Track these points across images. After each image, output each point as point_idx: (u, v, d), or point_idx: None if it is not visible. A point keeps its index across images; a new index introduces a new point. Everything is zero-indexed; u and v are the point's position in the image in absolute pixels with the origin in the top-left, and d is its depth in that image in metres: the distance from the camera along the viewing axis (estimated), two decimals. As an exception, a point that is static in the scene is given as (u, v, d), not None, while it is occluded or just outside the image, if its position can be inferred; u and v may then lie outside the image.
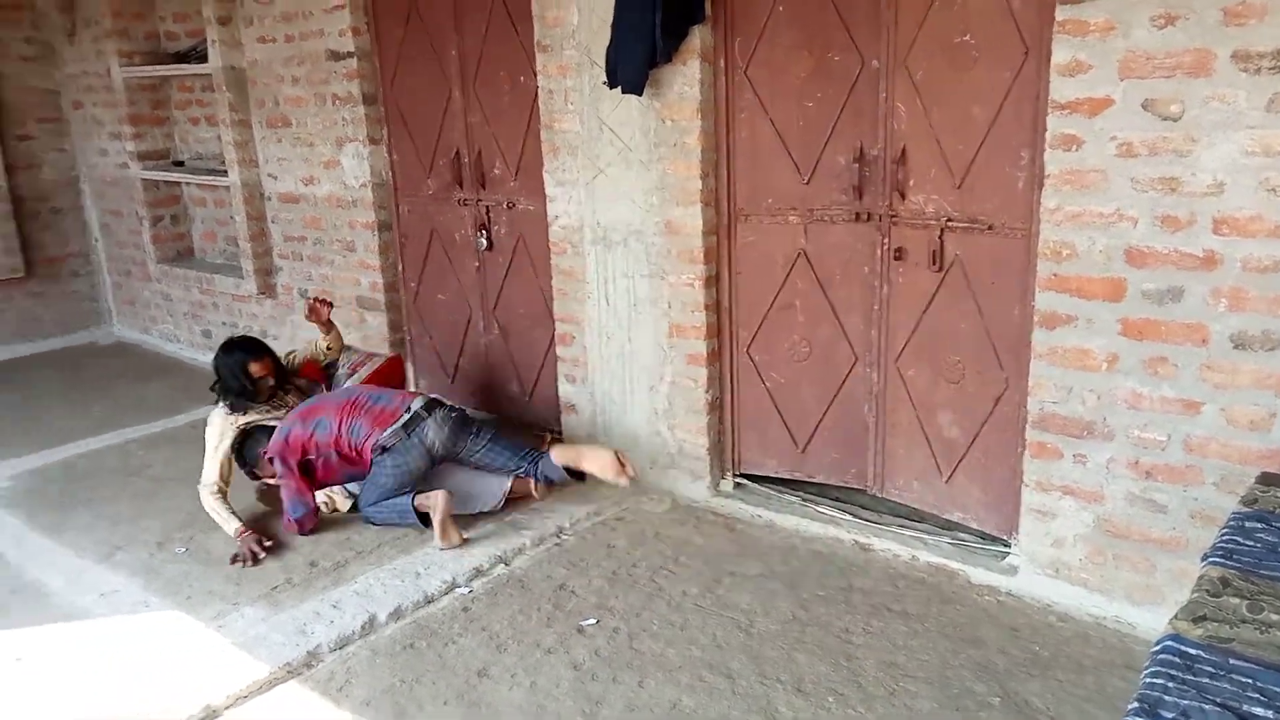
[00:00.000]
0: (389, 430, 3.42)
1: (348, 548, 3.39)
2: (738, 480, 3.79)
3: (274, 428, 3.56)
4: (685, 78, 3.31)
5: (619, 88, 3.35)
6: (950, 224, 3.03)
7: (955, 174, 2.99)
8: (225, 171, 5.16)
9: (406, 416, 3.47)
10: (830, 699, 2.53)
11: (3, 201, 5.85)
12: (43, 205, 6.15)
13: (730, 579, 3.18)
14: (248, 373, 3.67)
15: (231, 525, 3.40)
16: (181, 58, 5.39)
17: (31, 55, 5.97)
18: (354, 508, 3.63)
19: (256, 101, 4.92)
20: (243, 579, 3.18)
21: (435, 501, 3.37)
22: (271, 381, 3.74)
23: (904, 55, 3.01)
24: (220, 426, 3.61)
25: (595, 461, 3.54)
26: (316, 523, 3.51)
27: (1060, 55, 2.55)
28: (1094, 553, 2.82)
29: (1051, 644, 2.73)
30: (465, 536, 3.40)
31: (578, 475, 3.63)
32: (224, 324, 5.70)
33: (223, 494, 3.49)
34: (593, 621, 2.93)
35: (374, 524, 3.51)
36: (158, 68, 5.43)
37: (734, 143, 3.39)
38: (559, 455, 3.62)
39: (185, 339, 6.04)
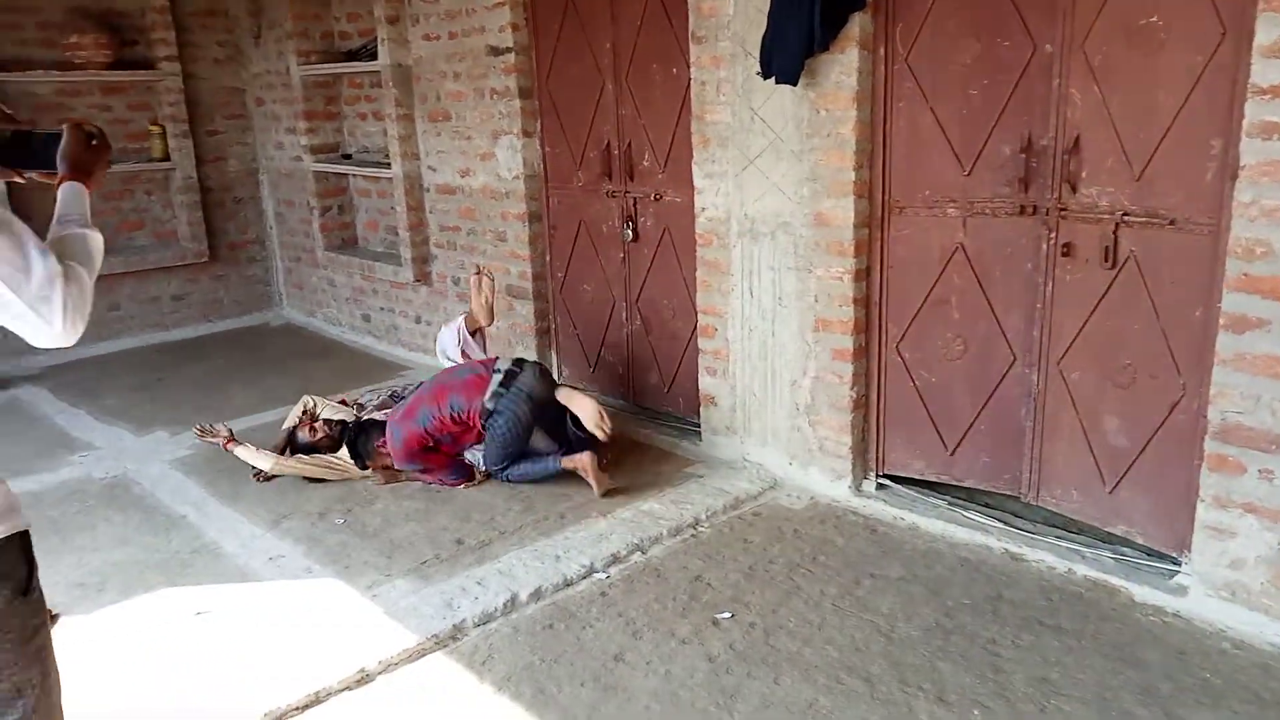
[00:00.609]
0: (489, 392, 3.68)
1: (492, 528, 3.50)
2: (880, 481, 3.69)
3: (383, 422, 3.94)
4: (842, 66, 3.24)
5: (773, 78, 3.31)
6: (1126, 218, 2.84)
7: (1134, 165, 2.79)
8: (389, 164, 5.42)
9: (500, 376, 3.72)
10: (976, 711, 2.42)
11: (193, 191, 6.35)
12: (227, 195, 6.64)
13: (870, 581, 3.10)
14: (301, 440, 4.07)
15: (263, 462, 3.90)
16: (353, 56, 5.69)
17: (222, 57, 6.46)
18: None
19: (419, 97, 5.15)
20: (395, 553, 3.34)
21: (583, 461, 3.68)
22: (324, 433, 4.05)
23: (1081, 39, 2.84)
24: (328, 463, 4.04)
25: (582, 407, 3.76)
26: (475, 476, 3.84)
27: (1265, 35, 2.34)
28: (1278, 577, 2.58)
29: (1225, 672, 2.52)
30: (615, 486, 3.74)
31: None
32: (382, 309, 6.01)
33: (272, 459, 3.91)
34: (728, 615, 2.92)
35: (512, 482, 3.79)
36: (331, 65, 5.76)
37: (892, 133, 3.29)
38: (561, 395, 3.87)
39: (347, 323, 6.40)
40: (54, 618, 2.96)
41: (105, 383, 5.46)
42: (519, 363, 3.84)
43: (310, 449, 3.99)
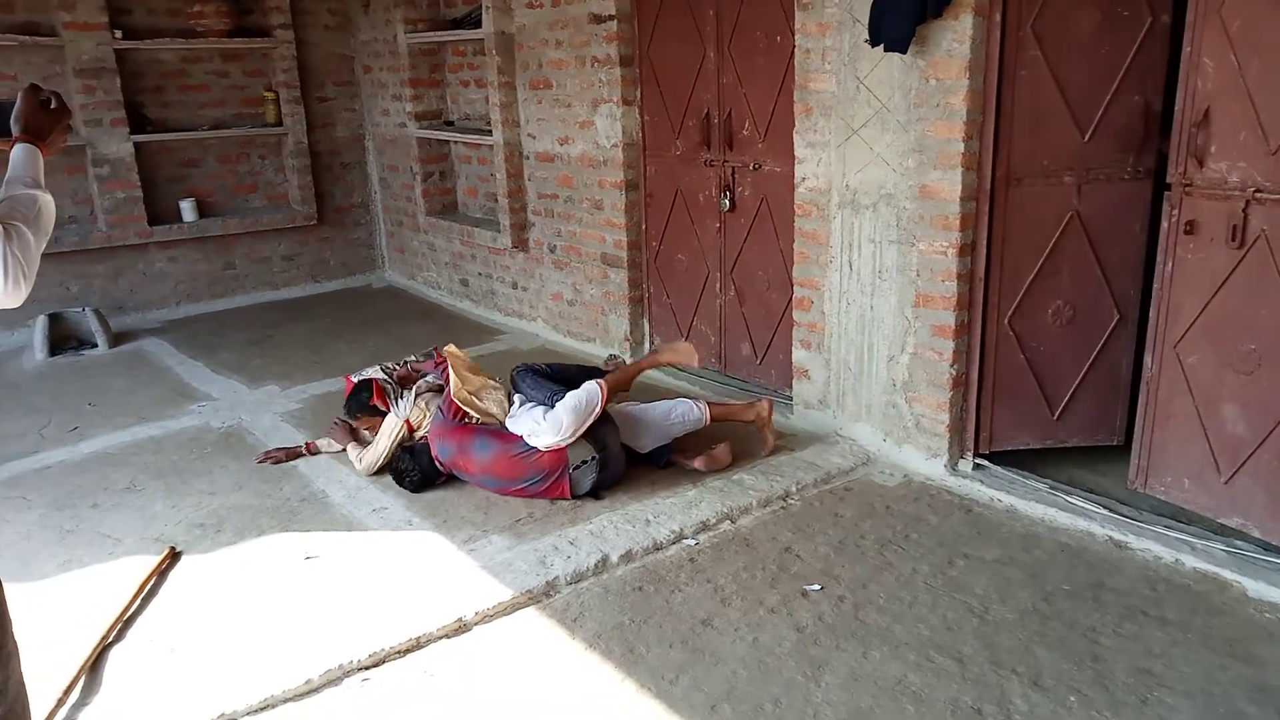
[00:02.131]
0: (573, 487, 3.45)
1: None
2: (977, 461, 3.61)
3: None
4: (955, 34, 3.14)
5: (881, 45, 3.23)
6: (1259, 195, 2.69)
7: (1271, 139, 2.64)
8: (490, 131, 5.51)
9: (590, 470, 3.45)
10: (1072, 698, 2.37)
11: (304, 156, 6.59)
12: (334, 160, 6.86)
13: (964, 562, 3.05)
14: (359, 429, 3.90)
15: (322, 442, 3.91)
16: (457, 24, 5.78)
17: (333, 25, 6.65)
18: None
19: (521, 65, 5.20)
20: (491, 510, 3.44)
21: (763, 411, 3.74)
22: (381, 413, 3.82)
23: (1218, 5, 2.68)
24: (390, 429, 3.75)
25: (678, 354, 3.82)
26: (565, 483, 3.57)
27: None
28: None
29: (1347, 677, 2.41)
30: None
31: None
32: (480, 274, 6.14)
33: (354, 459, 3.74)
34: (818, 587, 2.92)
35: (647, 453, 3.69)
36: (437, 33, 5.86)
37: (1014, 101, 3.18)
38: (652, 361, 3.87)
39: (446, 286, 6.56)
40: (175, 555, 3.17)
41: (221, 337, 5.74)
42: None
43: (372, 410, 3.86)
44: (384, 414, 3.81)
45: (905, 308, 3.55)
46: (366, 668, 2.54)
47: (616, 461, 3.51)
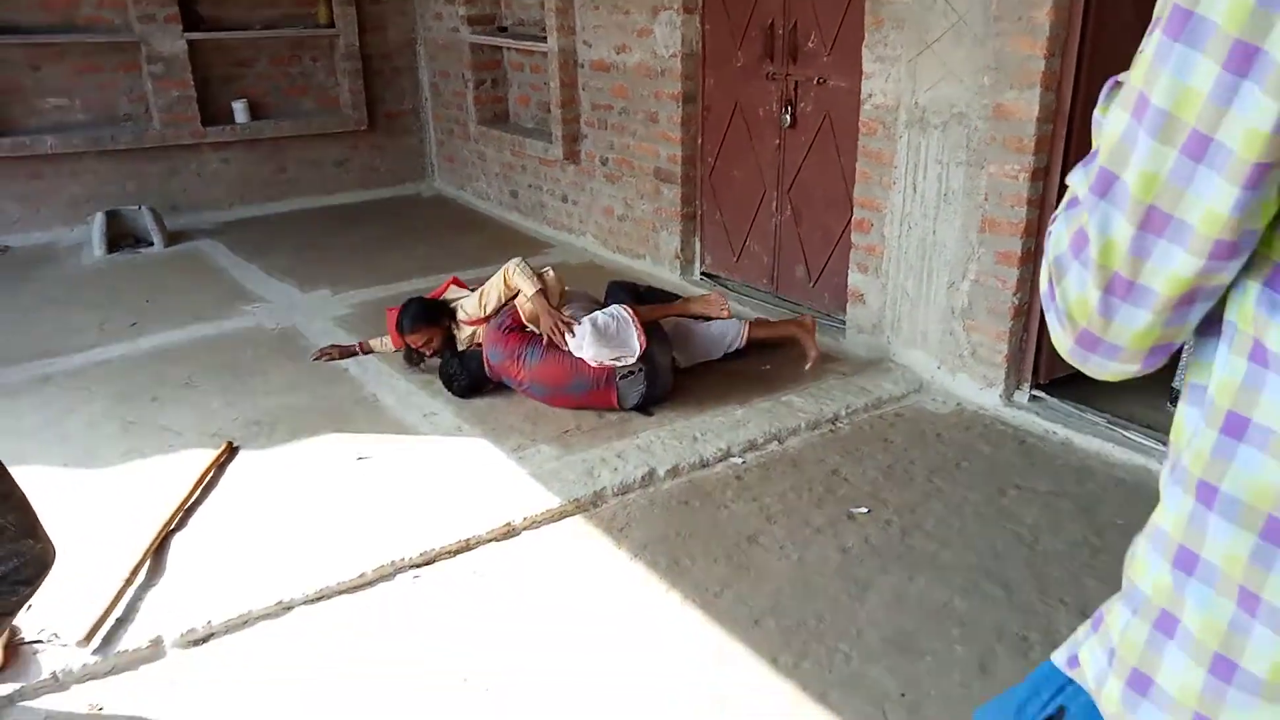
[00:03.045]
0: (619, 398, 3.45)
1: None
2: (1034, 393, 3.54)
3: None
4: (1043, -60, 2.95)
5: (963, -49, 3.06)
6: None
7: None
8: (544, 38, 5.37)
9: (636, 383, 3.44)
10: (1121, 632, 2.35)
11: (355, 59, 6.50)
12: (386, 64, 6.76)
13: (1016, 492, 3.02)
14: (412, 347, 3.77)
15: (374, 342, 3.95)
16: (514, -77, 5.59)
17: (386, -79, 6.48)
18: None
19: (579, -33, 5.04)
20: (539, 420, 3.46)
21: (806, 326, 3.81)
22: (436, 343, 3.71)
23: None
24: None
25: (707, 307, 3.81)
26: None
27: None
28: None
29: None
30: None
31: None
32: (530, 186, 6.07)
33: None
34: (864, 510, 2.91)
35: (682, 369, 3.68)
36: (493, -67, 5.68)
37: (1102, 16, 3.00)
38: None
39: (495, 197, 6.51)
40: (233, 449, 3.24)
41: (273, 240, 5.78)
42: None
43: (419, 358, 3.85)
44: (439, 325, 3.76)
45: (970, 233, 3.45)
46: (418, 566, 2.60)
47: (664, 376, 3.50)
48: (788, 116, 4.20)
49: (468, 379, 3.57)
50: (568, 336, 3.42)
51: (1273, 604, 0.69)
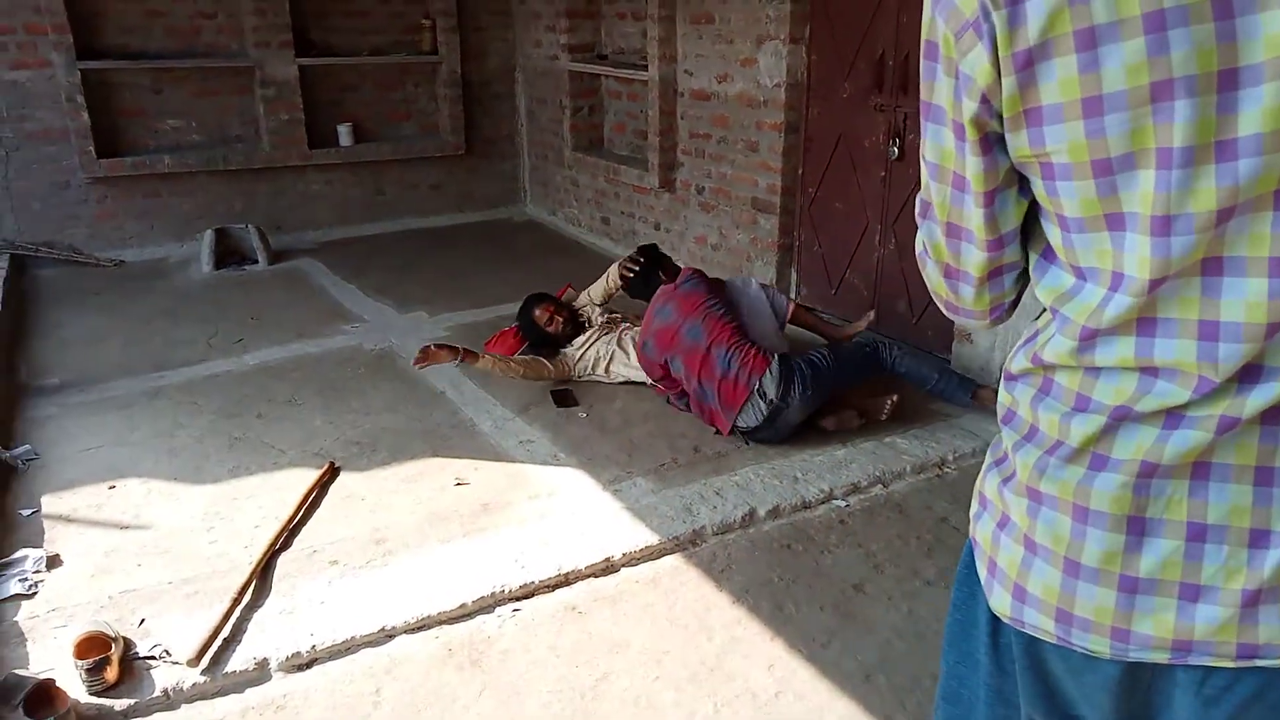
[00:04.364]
0: (740, 409, 3.36)
1: (728, 441, 3.49)
2: (1156, 444, 3.34)
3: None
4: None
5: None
6: None
7: None
8: (644, 66, 5.38)
9: (761, 406, 3.33)
10: None
11: (456, 86, 6.62)
12: (485, 91, 6.88)
13: (1140, 551, 2.84)
14: (535, 320, 3.98)
15: (480, 351, 3.81)
16: (618, -47, 5.64)
17: (491, -48, 6.61)
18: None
19: (683, -3, 5.04)
20: (635, 451, 3.41)
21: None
22: (562, 318, 3.98)
23: None
24: (550, 359, 3.94)
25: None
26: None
27: None
28: None
29: None
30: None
31: None
32: (623, 213, 6.08)
33: (521, 369, 3.78)
34: (977, 563, 2.77)
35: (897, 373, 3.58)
36: (597, -37, 5.74)
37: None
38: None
39: (586, 224, 6.53)
40: (335, 470, 3.27)
41: (371, 261, 5.89)
42: (784, 385, 3.31)
43: (547, 340, 3.99)
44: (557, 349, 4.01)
45: (1091, 273, 3.29)
46: (517, 599, 2.57)
47: (785, 421, 3.38)
48: (895, 149, 4.11)
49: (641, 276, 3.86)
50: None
51: None
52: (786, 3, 4.38)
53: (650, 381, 3.79)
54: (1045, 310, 0.95)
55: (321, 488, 3.13)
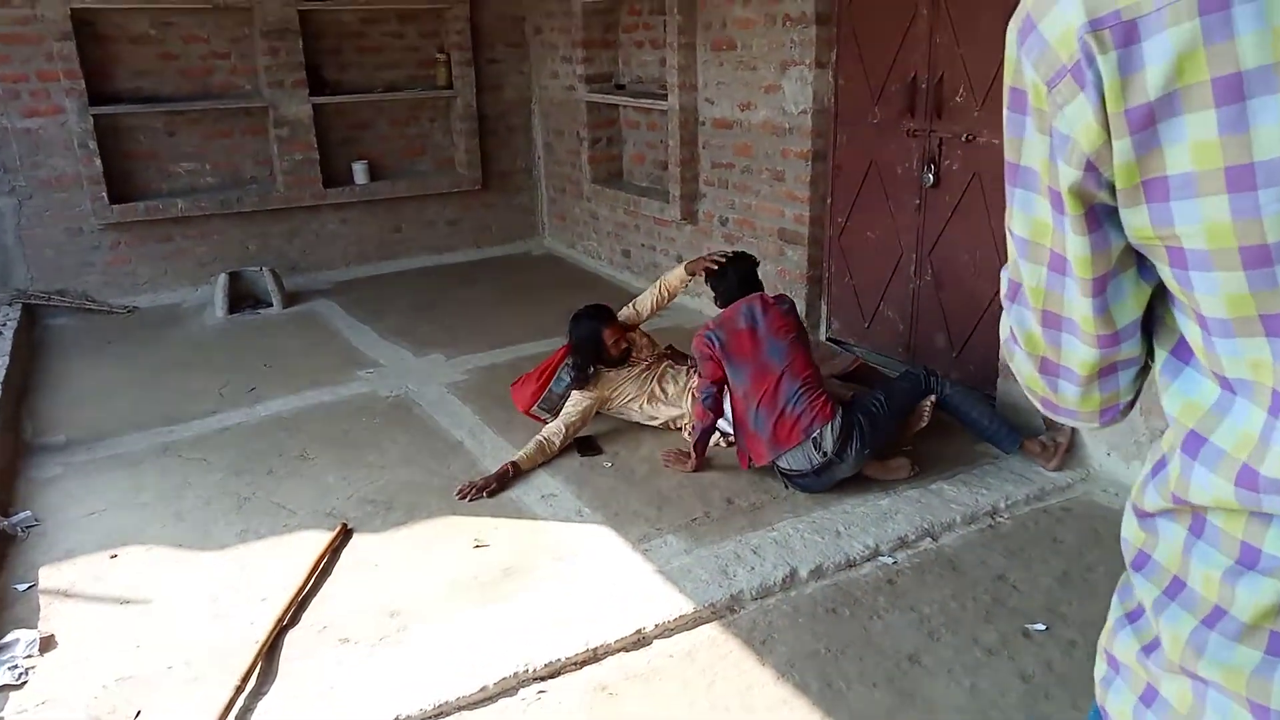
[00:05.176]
0: (788, 450, 3.15)
1: (762, 490, 3.29)
2: (1226, 487, 3.10)
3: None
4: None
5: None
6: None
7: None
8: (664, 95, 5.23)
9: (814, 455, 3.12)
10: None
11: (472, 120, 6.51)
12: (501, 124, 6.76)
13: (1220, 610, 2.59)
14: (602, 341, 3.64)
15: (517, 457, 3.42)
16: (635, -19, 5.51)
17: (504, -16, 6.51)
18: None
19: (703, 24, 4.88)
20: (664, 505, 3.21)
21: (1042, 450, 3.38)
22: (625, 345, 3.71)
23: None
24: (581, 403, 3.62)
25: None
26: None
27: None
28: None
29: None
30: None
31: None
32: (643, 245, 5.91)
33: (548, 448, 3.49)
34: (1043, 628, 2.54)
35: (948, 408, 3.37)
36: (613, -8, 5.61)
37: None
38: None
39: (606, 256, 6.37)
40: (348, 532, 3.09)
41: (387, 301, 5.75)
42: (842, 441, 3.12)
43: (600, 361, 3.68)
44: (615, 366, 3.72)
45: (1150, 306, 3.07)
46: (543, 678, 2.37)
47: (833, 475, 3.17)
48: (930, 175, 3.91)
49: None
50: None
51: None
52: (812, 27, 4.21)
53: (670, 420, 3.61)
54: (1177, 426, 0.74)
55: (333, 553, 2.95)
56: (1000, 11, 3.47)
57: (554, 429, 3.56)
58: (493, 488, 3.31)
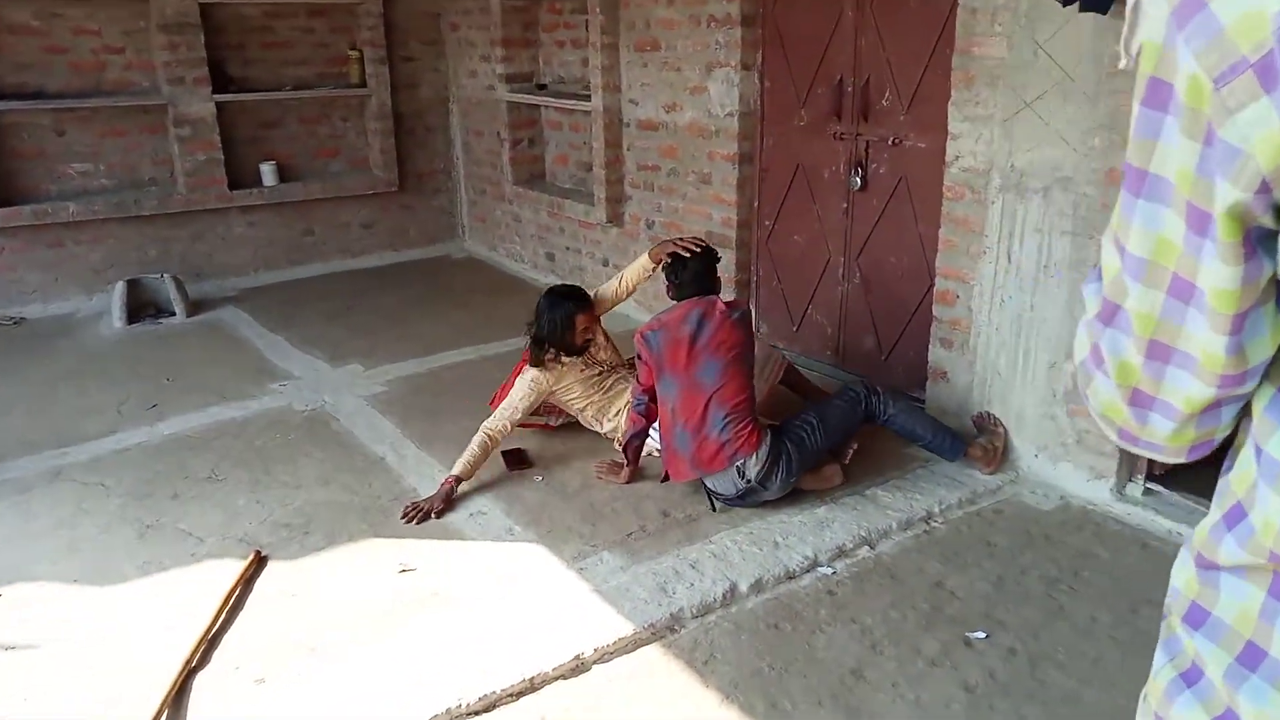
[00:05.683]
0: (712, 474, 3.07)
1: (697, 501, 3.21)
2: (1148, 486, 3.17)
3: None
4: (1169, -10, 2.65)
5: (1075, 5, 2.76)
6: None
7: None
8: (587, 96, 5.12)
9: (738, 482, 3.04)
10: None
11: (387, 119, 6.27)
12: (418, 123, 6.54)
13: (1150, 609, 2.63)
14: (573, 326, 3.45)
15: (458, 468, 3.22)
16: (555, -21, 5.39)
17: (419, -22, 6.30)
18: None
19: (627, 24, 4.79)
20: (598, 520, 3.11)
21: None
22: (590, 336, 3.56)
23: None
24: (531, 385, 3.42)
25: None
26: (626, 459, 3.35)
27: None
28: None
29: None
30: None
31: None
32: (568, 248, 5.79)
33: (491, 445, 3.31)
34: (982, 635, 2.53)
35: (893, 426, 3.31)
36: (533, -11, 5.47)
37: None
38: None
39: (529, 259, 6.23)
40: (261, 560, 2.90)
41: (300, 308, 5.50)
42: (767, 469, 3.04)
43: (564, 349, 3.48)
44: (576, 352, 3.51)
45: (1076, 309, 3.10)
46: (477, 713, 2.24)
47: (759, 499, 3.11)
48: (858, 179, 3.90)
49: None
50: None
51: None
52: (737, 29, 4.16)
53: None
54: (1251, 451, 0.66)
55: (246, 583, 2.76)
56: (924, 17, 3.47)
57: (496, 422, 3.34)
58: (439, 509, 3.13)
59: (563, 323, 3.44)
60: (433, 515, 3.12)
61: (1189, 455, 0.75)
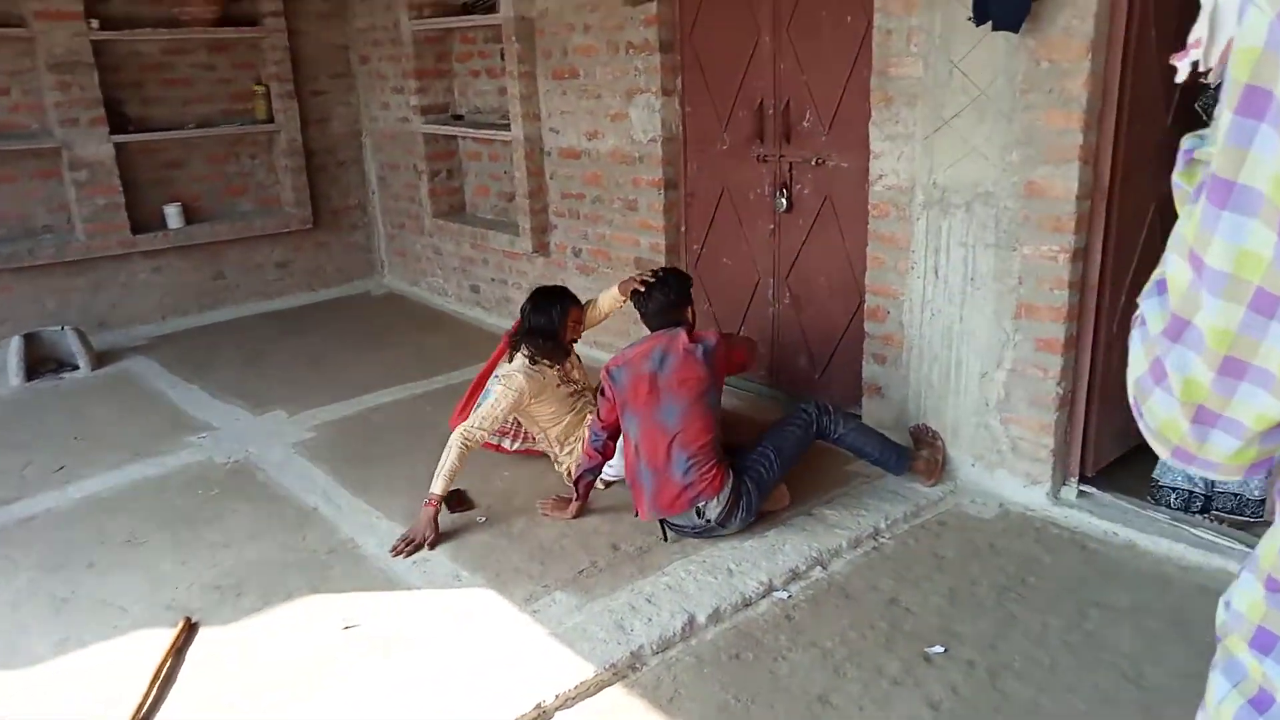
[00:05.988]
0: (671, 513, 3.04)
1: (647, 531, 3.16)
2: (1081, 489, 3.25)
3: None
4: (1076, 9, 2.75)
5: (988, 24, 2.84)
6: None
7: None
8: (506, 125, 5.07)
9: (697, 521, 3.03)
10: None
11: (297, 155, 6.09)
12: (330, 158, 6.38)
13: (1098, 612, 2.69)
14: (567, 317, 3.39)
15: (437, 486, 3.11)
16: (468, 9, 5.32)
17: (327, 11, 6.14)
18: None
19: (543, 52, 4.76)
20: (547, 559, 3.03)
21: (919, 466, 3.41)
22: (577, 337, 3.53)
23: None
24: (513, 390, 3.29)
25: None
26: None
27: None
28: None
29: None
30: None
31: None
32: (493, 280, 5.70)
33: (468, 453, 3.20)
34: (941, 650, 2.54)
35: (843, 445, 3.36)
36: (446, 19, 5.39)
37: (1137, 85, 2.80)
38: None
39: (454, 293, 6.11)
40: (192, 627, 2.74)
41: (215, 355, 5.26)
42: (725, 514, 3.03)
43: (551, 346, 3.41)
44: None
45: (1003, 319, 3.18)
46: (437, 776, 2.14)
47: (717, 536, 3.08)
48: (783, 200, 3.94)
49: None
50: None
51: None
52: (656, 54, 4.17)
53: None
54: None
55: (177, 654, 2.59)
56: (840, 39, 3.54)
57: (474, 429, 3.19)
58: (431, 538, 3.04)
59: (554, 320, 3.39)
60: (425, 547, 3.03)
61: (1247, 473, 0.75)
